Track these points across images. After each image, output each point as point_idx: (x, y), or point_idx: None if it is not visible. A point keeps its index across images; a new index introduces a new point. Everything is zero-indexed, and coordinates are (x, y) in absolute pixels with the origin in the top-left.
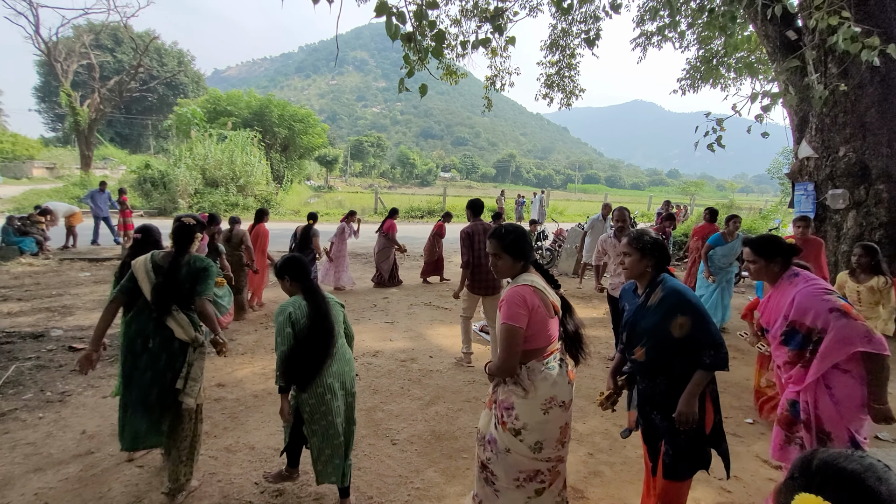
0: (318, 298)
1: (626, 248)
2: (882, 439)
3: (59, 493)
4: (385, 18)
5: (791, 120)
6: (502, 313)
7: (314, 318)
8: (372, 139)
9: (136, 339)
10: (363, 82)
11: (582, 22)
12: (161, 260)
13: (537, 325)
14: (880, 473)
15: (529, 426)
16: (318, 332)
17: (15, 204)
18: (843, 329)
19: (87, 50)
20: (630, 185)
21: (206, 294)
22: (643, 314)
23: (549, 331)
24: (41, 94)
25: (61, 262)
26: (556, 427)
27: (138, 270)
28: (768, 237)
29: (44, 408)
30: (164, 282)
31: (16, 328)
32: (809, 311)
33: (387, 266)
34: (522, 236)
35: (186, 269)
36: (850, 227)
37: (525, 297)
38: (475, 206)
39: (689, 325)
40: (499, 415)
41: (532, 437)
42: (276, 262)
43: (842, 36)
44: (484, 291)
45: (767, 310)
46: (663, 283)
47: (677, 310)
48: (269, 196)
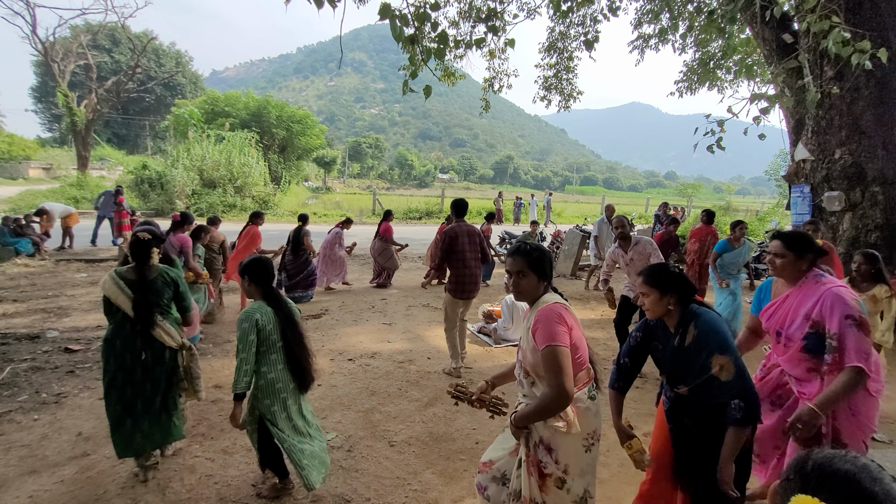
0: (282, 303)
1: (643, 287)
2: (878, 440)
3: (54, 495)
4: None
5: (787, 122)
6: (542, 336)
7: (286, 322)
8: (370, 140)
9: (124, 354)
10: (361, 84)
11: (580, 25)
12: (128, 274)
13: (579, 346)
14: (874, 474)
15: (572, 470)
16: (291, 335)
17: (11, 204)
18: (849, 338)
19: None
20: (627, 186)
21: (191, 309)
22: (681, 355)
23: (585, 352)
24: (38, 95)
25: (57, 263)
26: (595, 463)
27: (107, 289)
28: (801, 233)
29: (39, 410)
30: (143, 296)
31: (11, 329)
32: (835, 313)
33: (393, 265)
34: (547, 256)
35: (161, 279)
36: (846, 229)
37: (562, 314)
38: (459, 207)
39: (733, 369)
40: (537, 469)
41: (580, 484)
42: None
43: (832, 40)
44: (468, 295)
45: (781, 311)
46: (696, 319)
47: (716, 348)
48: (266, 197)
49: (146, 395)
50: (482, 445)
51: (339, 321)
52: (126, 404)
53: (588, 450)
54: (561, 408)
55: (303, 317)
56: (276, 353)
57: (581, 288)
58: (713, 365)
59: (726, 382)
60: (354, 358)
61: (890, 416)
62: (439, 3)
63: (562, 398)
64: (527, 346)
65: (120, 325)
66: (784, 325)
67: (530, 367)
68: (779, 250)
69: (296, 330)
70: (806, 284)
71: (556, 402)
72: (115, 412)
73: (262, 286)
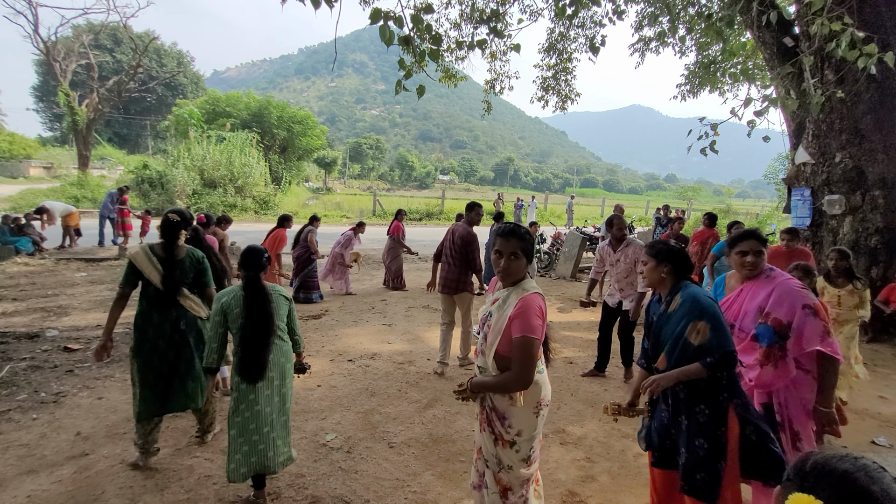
0: (254, 290)
1: (643, 255)
2: (878, 444)
3: (52, 495)
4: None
5: (788, 126)
6: (520, 325)
7: (248, 308)
8: (371, 141)
9: (161, 325)
10: (362, 85)
11: (580, 26)
12: (159, 249)
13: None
14: (873, 473)
15: (525, 433)
16: (252, 324)
17: (11, 203)
18: (807, 326)
19: (86, 50)
20: (628, 189)
21: (210, 285)
22: (665, 321)
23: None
24: (39, 94)
25: (57, 262)
26: (541, 430)
27: (141, 261)
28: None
29: (38, 409)
30: (171, 269)
31: (10, 328)
32: (784, 304)
33: (395, 266)
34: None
35: (189, 259)
36: (846, 232)
37: (541, 306)
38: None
39: (708, 331)
40: (489, 426)
41: (527, 445)
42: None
43: (844, 41)
44: (443, 290)
45: (735, 305)
46: (683, 289)
47: (694, 314)
48: (267, 197)
49: (175, 360)
50: None
51: (338, 322)
52: (155, 369)
53: (537, 415)
54: (518, 390)
55: (302, 317)
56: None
57: (582, 290)
58: (689, 331)
59: (700, 346)
60: (354, 359)
61: (891, 419)
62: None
63: (521, 384)
64: (495, 323)
65: (153, 300)
66: (738, 318)
67: (490, 342)
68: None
69: (259, 319)
70: (759, 280)
71: (516, 386)
72: (144, 377)
73: (245, 271)
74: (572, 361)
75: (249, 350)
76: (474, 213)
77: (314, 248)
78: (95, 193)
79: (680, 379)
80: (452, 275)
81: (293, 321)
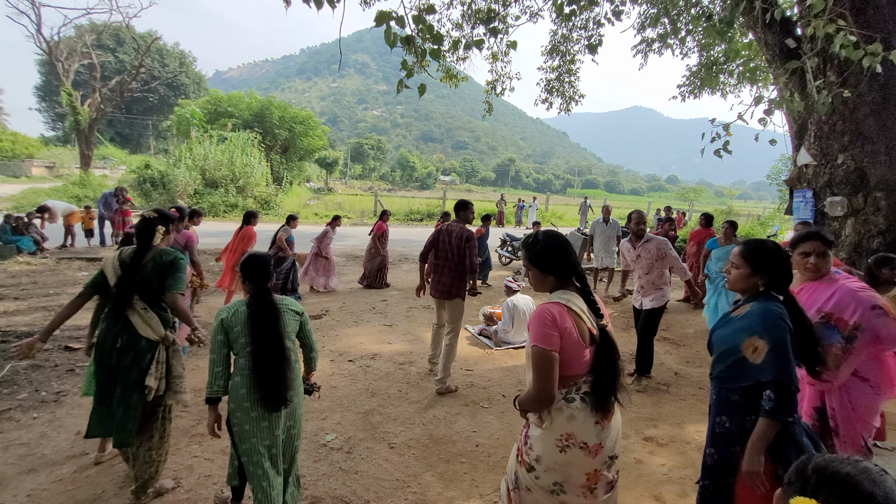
0: (263, 305)
1: (737, 259)
2: (880, 447)
3: (52, 494)
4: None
5: (790, 127)
6: (531, 334)
7: (255, 327)
8: (372, 142)
9: (106, 335)
10: (364, 85)
11: (582, 28)
12: (127, 256)
13: (569, 351)
14: (875, 476)
15: (544, 462)
16: (262, 344)
17: (14, 202)
18: (882, 327)
19: (88, 50)
20: (629, 190)
21: (176, 288)
22: (723, 323)
23: (581, 360)
24: (42, 93)
25: (59, 262)
26: (579, 471)
27: (106, 266)
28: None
29: (38, 408)
30: (124, 276)
31: (12, 327)
32: (850, 305)
33: (371, 266)
34: (554, 246)
35: (152, 264)
36: (848, 234)
37: (555, 315)
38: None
39: (765, 353)
40: (520, 447)
41: (549, 477)
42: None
43: (839, 43)
44: (435, 294)
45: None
46: (758, 300)
47: (756, 330)
48: (268, 197)
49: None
50: (482, 448)
51: (339, 322)
52: (100, 385)
53: (563, 451)
54: (541, 408)
55: None
56: (244, 358)
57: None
58: (746, 346)
59: (754, 365)
60: (355, 359)
61: (892, 422)
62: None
63: (541, 400)
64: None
65: (109, 303)
66: None
67: (525, 356)
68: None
69: (271, 337)
70: (823, 281)
71: (536, 402)
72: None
73: (251, 284)
74: None
75: (264, 371)
76: (468, 211)
77: (283, 246)
78: (97, 193)
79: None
80: (447, 279)
81: (308, 336)
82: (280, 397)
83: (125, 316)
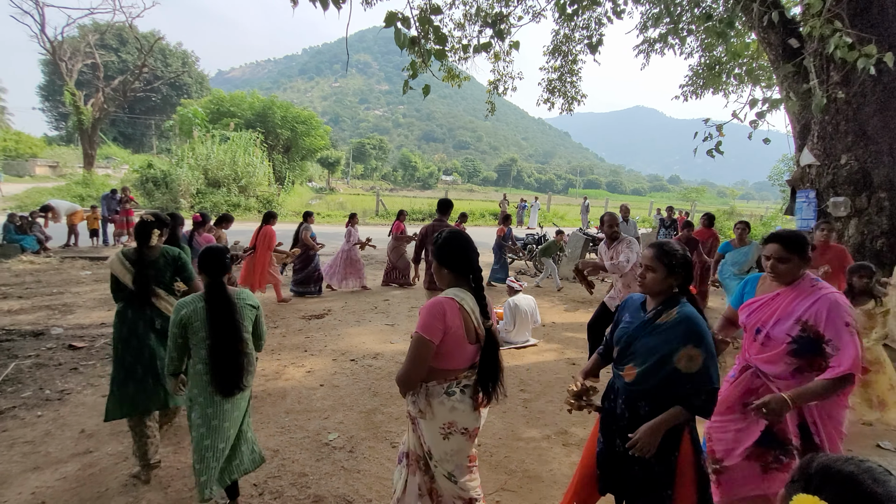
0: (219, 300)
1: (652, 261)
2: (884, 448)
3: (56, 492)
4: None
5: (793, 127)
6: (418, 321)
7: (213, 321)
8: (374, 142)
9: (137, 322)
10: (366, 85)
11: (584, 28)
12: (131, 254)
13: (450, 346)
14: (878, 476)
15: (434, 453)
16: (219, 337)
17: (17, 202)
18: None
19: (91, 49)
20: (631, 190)
21: (193, 279)
22: (648, 331)
23: (463, 356)
24: (45, 93)
25: (62, 261)
26: (464, 453)
27: (114, 267)
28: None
29: (43, 406)
30: (140, 271)
31: (16, 326)
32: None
33: (404, 263)
34: (452, 243)
35: (163, 259)
36: (851, 235)
37: (446, 311)
38: (441, 206)
39: (701, 362)
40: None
41: (442, 469)
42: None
43: (834, 44)
44: (426, 286)
45: (767, 309)
46: (682, 306)
47: (691, 339)
48: (270, 197)
49: (151, 359)
50: (484, 448)
51: (341, 321)
52: (127, 368)
53: (446, 438)
54: (401, 389)
55: (305, 316)
56: (204, 349)
57: (584, 292)
58: (680, 356)
59: (687, 374)
60: (357, 358)
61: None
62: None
63: (402, 382)
64: None
65: (129, 299)
66: (767, 324)
67: None
68: (780, 254)
69: (228, 330)
70: (801, 286)
71: (401, 383)
72: (118, 376)
73: (207, 277)
74: (575, 363)
75: (220, 365)
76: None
77: (310, 243)
78: (100, 192)
79: (662, 428)
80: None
81: (259, 327)
82: (236, 385)
83: (152, 303)
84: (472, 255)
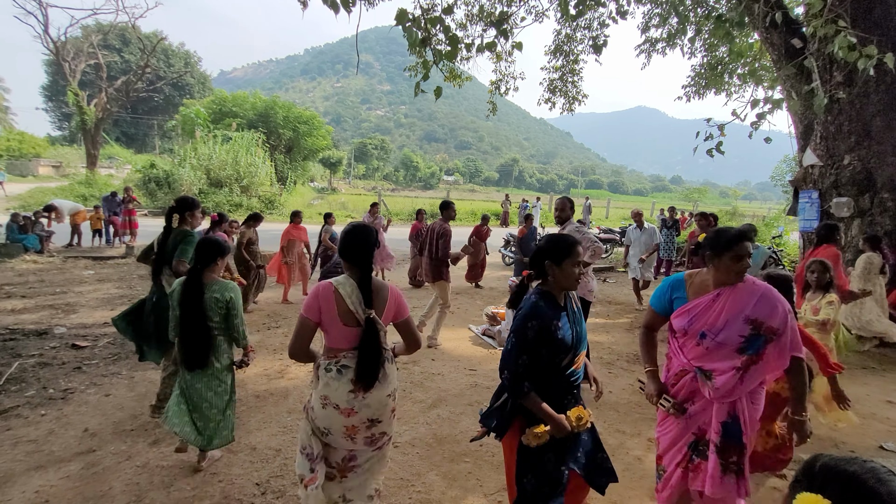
0: (188, 287)
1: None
2: (887, 449)
3: (60, 490)
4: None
5: (796, 127)
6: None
7: (181, 304)
8: (376, 142)
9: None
10: (368, 85)
11: (587, 28)
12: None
13: (327, 325)
14: (881, 476)
15: (315, 410)
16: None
17: (21, 202)
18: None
19: (94, 50)
20: (633, 190)
21: (181, 256)
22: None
23: (341, 337)
24: (48, 93)
25: (65, 260)
26: (338, 424)
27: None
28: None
29: (46, 405)
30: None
31: (19, 325)
32: (774, 310)
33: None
34: (349, 234)
35: (173, 240)
36: (854, 235)
37: (319, 292)
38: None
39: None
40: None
41: (319, 422)
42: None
43: (838, 44)
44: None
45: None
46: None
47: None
48: (272, 197)
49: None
50: (486, 447)
51: None
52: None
53: (324, 407)
54: (292, 359)
55: None
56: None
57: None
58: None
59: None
60: None
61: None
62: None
63: (291, 354)
64: None
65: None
66: (714, 327)
67: None
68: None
69: (192, 312)
70: (742, 285)
71: (290, 354)
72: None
73: (194, 263)
74: None
75: (183, 342)
76: (451, 210)
77: (329, 245)
78: (103, 192)
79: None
80: (429, 266)
81: (230, 320)
82: (196, 361)
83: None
84: (363, 248)
